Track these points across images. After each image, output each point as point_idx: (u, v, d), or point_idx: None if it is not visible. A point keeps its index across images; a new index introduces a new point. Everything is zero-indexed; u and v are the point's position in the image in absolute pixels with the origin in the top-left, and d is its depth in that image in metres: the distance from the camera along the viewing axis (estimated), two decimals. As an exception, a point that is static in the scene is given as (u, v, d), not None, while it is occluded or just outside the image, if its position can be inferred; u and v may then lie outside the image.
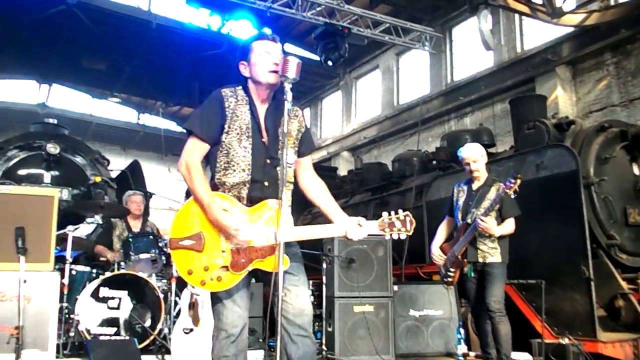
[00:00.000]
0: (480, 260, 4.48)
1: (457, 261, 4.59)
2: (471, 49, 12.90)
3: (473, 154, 4.67)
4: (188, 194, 2.77)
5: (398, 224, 2.73)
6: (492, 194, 4.52)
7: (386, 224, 2.73)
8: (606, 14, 9.01)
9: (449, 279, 4.70)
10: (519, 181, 4.22)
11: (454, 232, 4.77)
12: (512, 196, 4.30)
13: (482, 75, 12.65)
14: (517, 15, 11.46)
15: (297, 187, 2.84)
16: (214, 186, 2.66)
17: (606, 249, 5.54)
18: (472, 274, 4.56)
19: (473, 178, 4.71)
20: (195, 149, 2.65)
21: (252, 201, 2.63)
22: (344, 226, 2.68)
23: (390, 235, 2.74)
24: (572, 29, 9.99)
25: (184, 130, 2.76)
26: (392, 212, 2.75)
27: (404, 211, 2.78)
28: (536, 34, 11.67)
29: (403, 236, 2.76)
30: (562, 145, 5.70)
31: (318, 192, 2.84)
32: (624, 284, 5.43)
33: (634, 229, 5.79)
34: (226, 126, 2.66)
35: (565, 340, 4.93)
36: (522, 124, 6.51)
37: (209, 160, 2.72)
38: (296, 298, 2.66)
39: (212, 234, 2.57)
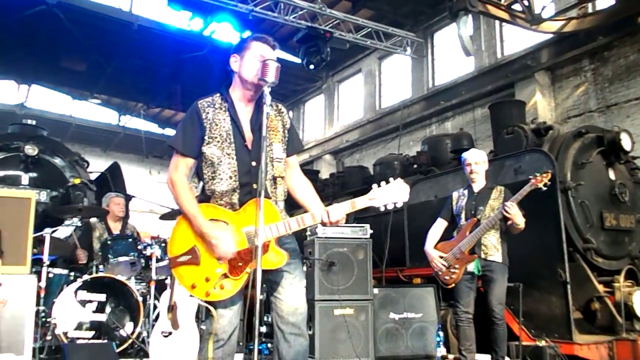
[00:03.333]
0: (482, 256, 4.53)
1: (464, 257, 4.58)
2: (452, 54, 13.01)
3: (476, 158, 4.82)
4: None
5: (391, 193, 2.70)
6: (496, 194, 4.68)
7: (376, 195, 2.69)
8: (584, 22, 9.16)
9: (452, 277, 4.63)
10: (549, 175, 4.34)
11: (455, 233, 4.81)
12: (544, 188, 4.39)
13: (463, 80, 12.77)
14: (497, 22, 11.59)
15: None
16: (206, 197, 2.69)
17: (583, 252, 5.62)
18: (479, 271, 4.57)
19: (471, 180, 4.82)
20: (178, 165, 2.71)
21: (244, 204, 2.66)
22: (320, 212, 2.66)
23: (385, 206, 2.68)
24: (551, 36, 10.13)
25: (163, 131, 2.77)
26: (383, 182, 2.71)
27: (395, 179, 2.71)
28: (516, 40, 11.82)
29: (399, 204, 2.71)
30: (540, 150, 5.78)
31: (303, 190, 2.87)
32: (600, 287, 5.52)
33: (609, 233, 5.88)
34: (206, 137, 2.68)
35: (542, 342, 5.01)
36: (501, 128, 6.59)
37: (197, 173, 2.75)
38: (291, 297, 2.68)
39: (206, 245, 2.60)
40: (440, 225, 4.94)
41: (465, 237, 4.61)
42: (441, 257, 4.72)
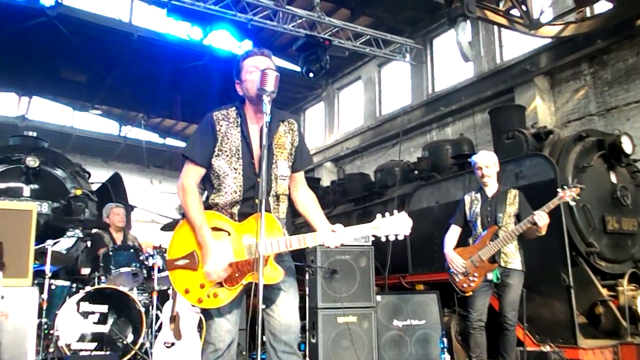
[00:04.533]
0: (502, 264, 4.50)
1: (484, 265, 4.52)
2: (452, 60, 13.03)
3: (486, 160, 4.76)
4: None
5: (394, 225, 2.70)
6: (512, 198, 4.64)
7: (379, 225, 2.70)
8: (582, 26, 9.17)
9: (471, 285, 4.56)
10: (578, 189, 4.33)
11: (470, 240, 4.77)
12: (572, 203, 4.42)
13: (463, 85, 12.79)
14: (496, 27, 11.62)
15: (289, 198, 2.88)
16: (208, 206, 2.71)
17: (585, 256, 5.61)
18: (498, 279, 4.53)
19: (483, 184, 4.76)
20: (190, 173, 2.73)
21: (243, 217, 2.67)
22: (322, 235, 2.67)
23: (387, 237, 2.71)
24: (549, 40, 10.15)
25: (164, 141, 2.79)
26: (387, 213, 2.73)
27: (399, 211, 2.74)
28: (515, 45, 11.84)
29: (401, 237, 2.72)
30: (541, 155, 5.79)
31: (308, 205, 2.87)
32: (603, 291, 5.50)
33: (612, 236, 5.87)
34: (216, 149, 2.71)
35: (546, 348, 4.99)
36: (501, 133, 6.59)
37: (203, 183, 2.77)
38: (284, 315, 2.68)
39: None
40: (455, 232, 4.86)
41: (485, 245, 4.54)
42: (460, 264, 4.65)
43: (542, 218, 4.30)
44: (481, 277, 4.54)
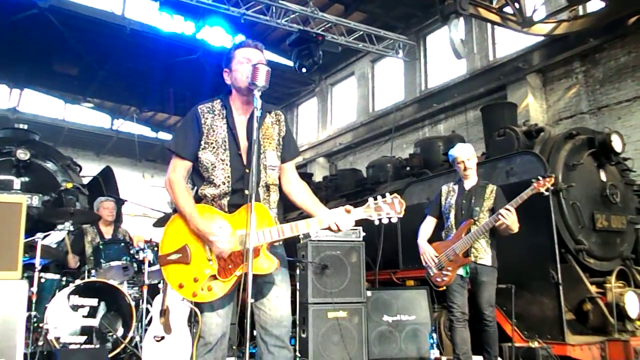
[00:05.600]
0: (472, 259, 4.49)
1: (458, 259, 4.51)
2: (445, 57, 13.05)
3: (466, 153, 4.72)
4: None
5: (386, 208, 2.68)
6: (489, 193, 4.61)
7: (372, 208, 2.67)
8: (575, 24, 9.23)
9: (444, 279, 4.55)
10: (552, 179, 4.32)
11: (443, 232, 4.75)
12: (546, 193, 4.37)
13: (456, 82, 12.82)
14: (489, 24, 11.65)
15: (281, 192, 2.87)
16: (197, 199, 2.71)
17: (574, 253, 5.65)
18: (467, 274, 4.54)
19: (464, 177, 4.74)
20: (176, 167, 2.74)
21: (233, 209, 2.67)
22: (331, 218, 2.64)
23: (380, 220, 2.68)
24: (542, 38, 10.19)
25: (156, 135, 2.79)
26: (379, 196, 2.71)
27: (391, 194, 2.72)
28: (507, 42, 11.89)
29: (394, 219, 2.70)
30: (531, 152, 5.81)
31: (301, 194, 2.86)
32: (592, 288, 5.54)
33: (601, 234, 5.91)
34: (202, 142, 2.71)
35: (534, 344, 5.02)
36: (493, 131, 6.61)
37: (191, 177, 2.78)
38: (275, 309, 2.68)
39: (197, 245, 2.62)
40: (430, 223, 4.86)
41: (460, 238, 4.53)
42: (433, 256, 4.65)
43: (507, 216, 4.28)
44: (455, 271, 4.52)
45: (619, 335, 5.23)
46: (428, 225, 4.86)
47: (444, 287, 4.60)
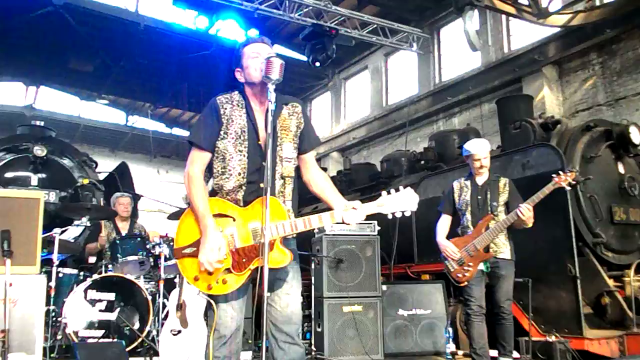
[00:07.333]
0: (492, 253, 4.49)
1: (479, 255, 4.49)
2: (459, 49, 12.95)
3: (484, 151, 4.68)
4: None
5: (400, 201, 2.67)
6: (502, 186, 4.60)
7: (385, 202, 2.66)
8: (591, 15, 9.09)
9: (466, 275, 4.52)
10: (574, 174, 4.30)
11: (459, 229, 4.73)
12: (568, 188, 4.37)
13: (470, 75, 12.70)
14: (503, 16, 11.53)
15: (300, 182, 2.85)
16: (213, 192, 2.72)
17: (592, 247, 5.60)
18: (488, 269, 4.53)
19: (477, 173, 4.70)
20: (195, 160, 2.72)
21: (248, 203, 2.66)
22: (340, 213, 2.64)
23: (393, 214, 2.67)
24: (558, 30, 10.06)
25: (170, 131, 2.79)
26: (392, 190, 2.69)
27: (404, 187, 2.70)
28: (523, 34, 11.74)
29: (407, 213, 2.69)
30: (548, 145, 5.76)
31: (321, 183, 2.84)
32: (610, 281, 5.49)
33: (619, 227, 5.85)
34: (222, 132, 2.71)
35: (552, 338, 4.99)
36: (508, 123, 6.55)
37: (208, 167, 2.77)
38: (286, 306, 2.68)
39: None
40: (445, 220, 4.82)
41: (480, 234, 4.51)
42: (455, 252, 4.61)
43: (525, 213, 4.28)
44: (476, 266, 4.50)
45: (637, 330, 5.18)
46: (444, 223, 4.83)
47: (465, 283, 4.57)
